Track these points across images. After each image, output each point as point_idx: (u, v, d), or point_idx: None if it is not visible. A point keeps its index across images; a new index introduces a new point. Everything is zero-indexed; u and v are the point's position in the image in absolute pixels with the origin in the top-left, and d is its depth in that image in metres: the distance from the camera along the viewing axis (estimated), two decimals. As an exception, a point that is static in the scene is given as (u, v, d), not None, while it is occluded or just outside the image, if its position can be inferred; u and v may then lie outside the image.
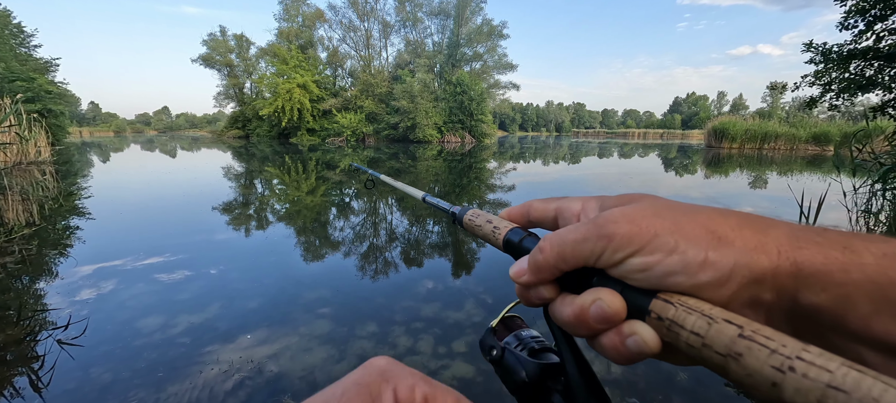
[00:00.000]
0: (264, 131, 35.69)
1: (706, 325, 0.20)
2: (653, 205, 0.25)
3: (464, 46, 35.89)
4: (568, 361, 0.28)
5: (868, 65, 5.65)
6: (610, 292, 0.24)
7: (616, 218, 0.24)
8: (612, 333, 0.24)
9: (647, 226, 0.23)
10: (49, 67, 21.70)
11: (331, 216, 5.50)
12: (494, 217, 0.37)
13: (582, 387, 0.27)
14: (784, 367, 0.17)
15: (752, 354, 0.18)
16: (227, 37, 44.48)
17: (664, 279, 0.22)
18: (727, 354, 0.19)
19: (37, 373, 1.92)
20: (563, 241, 0.26)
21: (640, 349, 0.22)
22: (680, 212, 0.24)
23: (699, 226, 0.23)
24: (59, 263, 3.40)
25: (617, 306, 0.23)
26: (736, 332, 0.19)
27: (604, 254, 0.24)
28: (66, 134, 21.39)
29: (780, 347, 0.17)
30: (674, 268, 0.22)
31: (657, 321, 0.22)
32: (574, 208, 0.31)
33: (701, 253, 0.21)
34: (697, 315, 0.20)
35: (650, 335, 0.22)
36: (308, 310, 2.55)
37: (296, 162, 13.26)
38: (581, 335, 0.26)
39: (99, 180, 8.80)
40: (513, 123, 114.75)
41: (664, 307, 0.22)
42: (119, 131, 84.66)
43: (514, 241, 0.33)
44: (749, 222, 0.23)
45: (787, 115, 32.46)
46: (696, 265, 0.21)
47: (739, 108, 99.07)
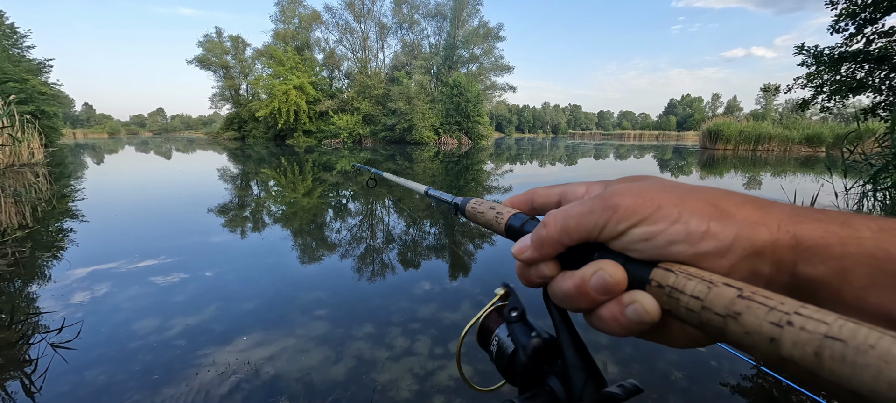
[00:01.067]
0: (260, 133, 35.52)
1: (706, 288, 0.20)
2: (658, 182, 0.26)
3: (460, 48, 35.97)
4: (566, 342, 0.29)
5: (859, 67, 5.74)
6: (612, 263, 0.24)
7: (621, 191, 0.25)
8: (612, 303, 0.24)
9: (652, 198, 0.24)
10: (42, 69, 21.47)
11: (327, 218, 5.49)
12: (497, 204, 0.37)
13: (579, 368, 0.28)
14: (782, 322, 0.17)
15: (751, 312, 0.18)
16: (222, 38, 44.29)
17: (666, 249, 0.23)
18: (726, 314, 0.19)
19: (30, 377, 1.90)
20: (567, 215, 0.27)
21: (640, 317, 0.23)
22: (684, 188, 0.25)
23: (703, 200, 0.23)
24: (52, 266, 3.36)
25: (618, 275, 0.24)
26: (735, 293, 0.19)
27: (607, 225, 0.25)
28: (59, 136, 21.23)
29: (778, 304, 0.18)
30: (676, 237, 0.22)
31: (657, 289, 0.22)
32: (578, 192, 0.32)
33: (703, 224, 0.22)
34: (697, 280, 0.21)
35: (650, 303, 0.23)
36: (304, 312, 2.54)
37: (292, 164, 13.21)
38: (581, 307, 0.26)
39: (93, 182, 8.72)
40: (509, 124, 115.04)
41: (665, 275, 0.22)
42: (113, 133, 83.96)
43: (516, 226, 0.33)
44: (751, 200, 0.23)
45: (780, 116, 32.82)
46: (698, 235, 0.22)
47: (733, 109, 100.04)
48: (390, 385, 1.84)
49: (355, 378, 1.89)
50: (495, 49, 37.80)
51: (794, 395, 1.82)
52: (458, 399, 1.75)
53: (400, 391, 1.79)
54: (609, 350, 2.11)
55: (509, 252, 3.25)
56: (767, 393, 1.87)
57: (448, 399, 1.75)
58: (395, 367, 1.97)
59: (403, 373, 1.92)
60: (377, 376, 1.90)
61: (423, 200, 6.73)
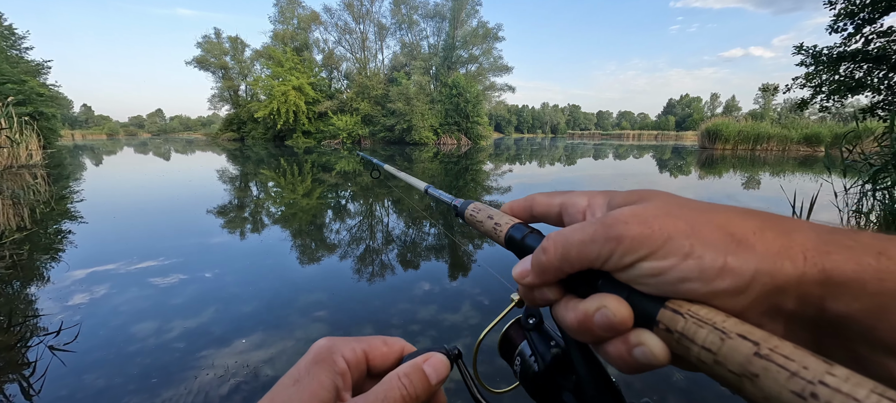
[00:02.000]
0: (259, 134, 35.47)
1: (719, 341, 0.18)
2: (665, 204, 0.24)
3: (459, 49, 35.99)
4: (576, 358, 0.27)
5: (857, 67, 5.75)
6: (616, 299, 0.22)
7: (626, 218, 0.23)
8: (618, 341, 0.22)
9: (660, 228, 0.22)
10: (41, 70, 21.43)
11: (326, 219, 5.48)
12: (496, 212, 0.36)
13: (592, 386, 0.27)
14: (805, 392, 0.15)
15: (769, 375, 0.16)
16: (221, 39, 44.24)
17: (677, 286, 0.21)
18: (742, 374, 0.17)
19: (28, 380, 1.89)
20: (567, 242, 0.25)
21: (649, 360, 0.21)
22: (695, 212, 0.22)
23: (717, 228, 0.21)
24: (50, 268, 3.35)
25: (623, 314, 0.22)
26: (751, 350, 0.17)
27: (612, 257, 0.22)
28: (58, 137, 21.18)
29: (800, 369, 0.16)
30: (688, 274, 0.20)
31: (666, 333, 0.20)
32: (580, 204, 0.30)
33: (719, 259, 0.20)
34: (709, 329, 0.19)
35: (659, 347, 0.21)
36: (304, 313, 2.53)
37: (291, 164, 13.20)
38: (585, 341, 0.25)
39: (91, 184, 8.70)
40: (508, 124, 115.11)
41: (673, 319, 0.20)
42: (112, 134, 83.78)
43: (516, 238, 0.32)
44: (772, 223, 0.21)
45: (778, 116, 32.90)
46: (714, 272, 0.20)
47: (732, 109, 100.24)
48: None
49: (355, 380, 1.88)
50: (494, 49, 37.87)
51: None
52: (459, 402, 1.75)
53: (400, 393, 1.79)
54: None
55: (509, 254, 3.28)
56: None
57: (449, 401, 1.75)
58: (394, 369, 1.96)
59: (403, 375, 1.92)
60: (377, 378, 1.90)
61: (422, 200, 6.73)
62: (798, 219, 0.22)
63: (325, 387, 0.26)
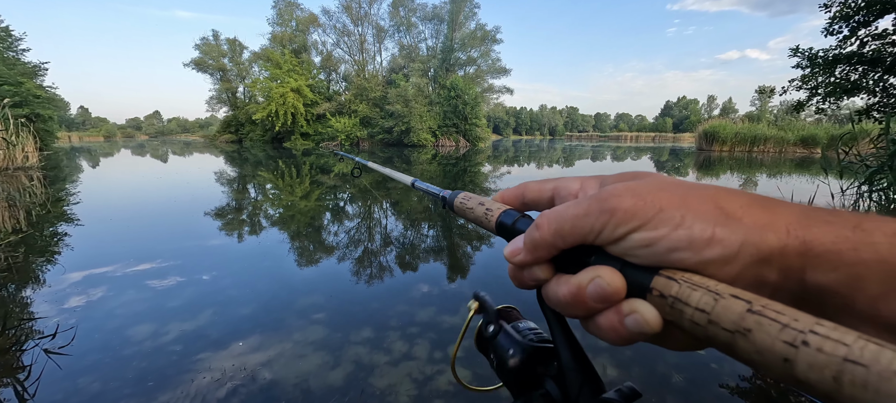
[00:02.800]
0: (257, 136, 35.40)
1: (712, 301, 0.19)
2: (658, 180, 0.25)
3: (458, 51, 36.08)
4: (561, 345, 0.28)
5: (853, 69, 5.79)
6: (609, 269, 0.23)
7: (619, 192, 0.23)
8: (611, 312, 0.23)
9: (653, 200, 0.22)
10: (37, 71, 21.33)
11: (324, 221, 5.47)
12: (487, 200, 0.36)
13: (575, 371, 0.27)
14: (797, 341, 0.16)
15: (762, 329, 0.17)
16: (219, 41, 44.23)
17: (668, 255, 0.21)
18: (735, 330, 0.18)
19: (22, 384, 1.87)
20: (561, 217, 0.25)
21: (641, 327, 0.22)
22: (686, 187, 0.23)
23: (707, 201, 0.22)
24: (46, 270, 3.33)
25: (617, 283, 0.22)
26: (744, 307, 0.18)
27: (605, 229, 0.23)
28: (54, 139, 21.09)
29: (791, 321, 0.17)
30: (679, 243, 0.21)
31: (659, 299, 0.21)
32: (572, 188, 0.30)
33: (708, 229, 0.21)
34: (703, 291, 0.19)
35: (651, 313, 0.21)
36: (302, 316, 2.52)
37: (289, 167, 13.17)
38: (577, 315, 0.25)
39: (88, 186, 8.65)
40: (507, 126, 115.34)
41: (667, 284, 0.21)
42: (109, 136, 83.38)
43: (507, 223, 0.32)
44: (758, 201, 0.22)
45: (775, 118, 33.04)
46: (703, 241, 0.21)
47: (729, 111, 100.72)
48: (389, 390, 1.82)
49: (353, 383, 1.87)
50: (492, 51, 37.96)
51: (793, 396, 1.82)
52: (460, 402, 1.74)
53: (398, 396, 1.78)
54: (608, 353, 2.10)
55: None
56: (766, 394, 1.86)
57: (447, 404, 1.74)
58: (393, 372, 1.96)
59: (402, 378, 1.91)
60: (375, 381, 1.89)
61: (421, 201, 6.72)
62: (782, 199, 0.23)
63: None
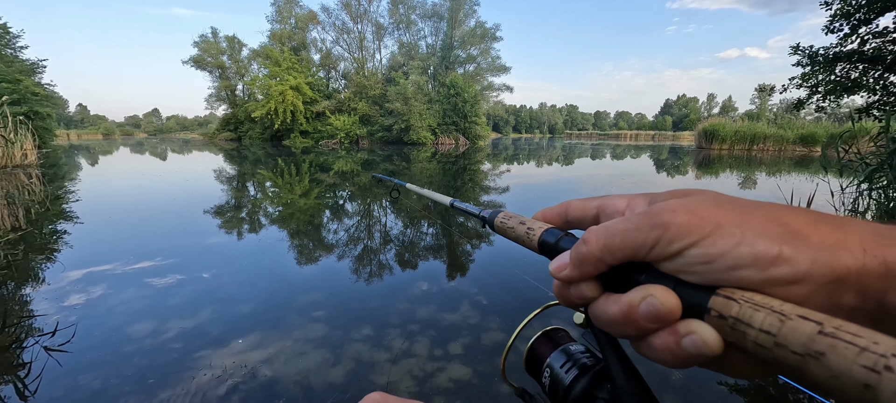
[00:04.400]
0: (256, 134, 35.31)
1: (778, 322, 0.17)
2: (712, 197, 0.23)
3: (457, 49, 36.01)
4: (614, 367, 0.26)
5: (853, 67, 5.78)
6: (662, 288, 0.22)
7: (673, 208, 0.22)
8: (665, 333, 0.21)
9: (709, 216, 0.21)
10: (35, 69, 21.29)
11: (324, 219, 5.46)
12: (528, 219, 0.35)
13: (630, 396, 0.26)
14: (878, 366, 0.15)
15: (837, 352, 0.15)
16: (218, 39, 44.01)
17: (728, 274, 0.20)
18: (805, 353, 0.16)
19: (23, 381, 1.87)
20: (610, 231, 0.24)
21: (700, 349, 0.20)
22: (744, 204, 0.22)
23: (768, 219, 0.20)
24: (46, 268, 3.33)
25: (671, 303, 0.21)
26: (815, 329, 0.16)
27: (657, 245, 0.22)
28: (53, 137, 21.04)
29: (870, 344, 0.15)
30: (742, 260, 0.19)
31: (718, 320, 0.20)
32: (618, 206, 0.29)
33: (774, 247, 0.19)
34: (767, 311, 0.18)
35: (711, 335, 0.20)
36: (302, 314, 2.52)
37: (289, 165, 13.16)
38: (628, 336, 0.24)
39: (87, 184, 8.64)
40: (506, 125, 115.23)
41: (726, 304, 0.19)
42: (108, 134, 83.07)
43: (549, 242, 0.31)
44: (825, 218, 0.20)
45: (774, 117, 33.05)
46: (769, 260, 0.19)
47: (728, 110, 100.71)
48: (389, 388, 1.83)
49: (354, 380, 1.87)
50: (492, 50, 37.87)
51: (791, 394, 1.83)
52: (458, 401, 1.75)
53: (399, 393, 1.78)
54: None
55: (507, 252, 3.29)
56: (764, 392, 1.87)
57: (448, 401, 1.74)
58: (394, 369, 1.96)
59: (403, 375, 1.91)
60: (376, 378, 1.89)
61: (420, 200, 6.72)
62: (849, 217, 0.21)
63: None
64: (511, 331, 0.45)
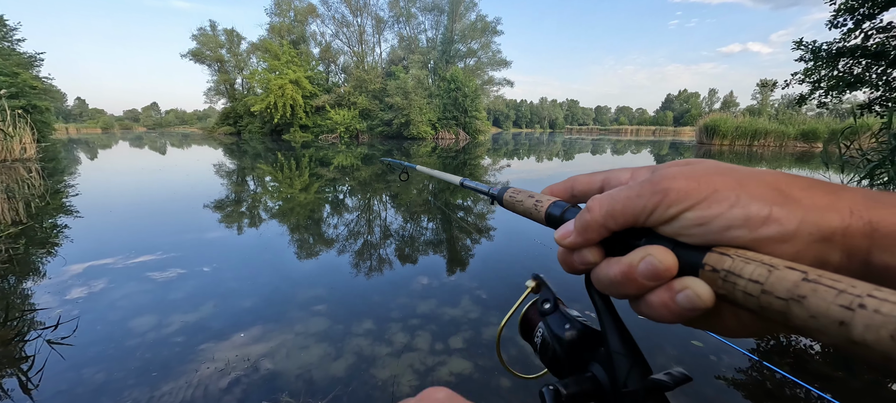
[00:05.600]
0: (256, 128, 35.23)
1: (766, 271, 0.19)
2: (713, 164, 0.24)
3: (457, 43, 35.81)
4: (610, 329, 0.28)
5: (856, 63, 5.75)
6: (661, 248, 0.23)
7: (673, 174, 0.24)
8: (662, 290, 0.23)
9: (707, 182, 0.22)
10: (33, 62, 21.12)
11: (324, 214, 5.47)
12: (536, 193, 0.37)
13: (623, 355, 0.27)
14: (853, 305, 0.16)
15: (817, 295, 0.17)
16: (217, 32, 43.76)
17: (722, 234, 0.21)
18: (789, 298, 0.18)
19: (26, 374, 1.88)
20: (613, 198, 0.25)
21: (693, 303, 0.21)
22: (743, 171, 0.23)
23: (764, 184, 0.22)
24: (47, 262, 3.33)
25: (669, 261, 0.23)
26: (799, 276, 0.18)
27: (657, 210, 0.23)
28: (51, 131, 20.96)
29: (848, 287, 0.16)
30: (734, 221, 0.21)
31: (711, 274, 0.21)
32: (622, 177, 0.30)
33: (765, 209, 0.20)
34: (757, 263, 0.19)
35: (703, 289, 0.21)
36: (303, 308, 2.53)
37: (289, 159, 13.13)
38: (628, 294, 0.25)
39: (87, 178, 8.63)
40: (507, 119, 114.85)
41: (719, 259, 0.21)
42: (107, 128, 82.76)
43: (555, 214, 0.32)
44: (819, 184, 0.22)
45: (776, 112, 32.94)
46: (759, 220, 0.20)
47: (730, 105, 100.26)
48: (391, 381, 1.84)
49: (356, 374, 1.89)
50: (492, 43, 37.69)
51: (789, 387, 1.85)
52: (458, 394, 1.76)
53: (401, 386, 1.80)
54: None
55: (506, 247, 3.28)
56: (762, 386, 1.89)
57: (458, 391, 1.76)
58: (395, 363, 1.97)
59: (404, 369, 1.93)
60: (378, 372, 1.90)
61: (420, 194, 6.72)
62: (847, 185, 0.22)
63: None
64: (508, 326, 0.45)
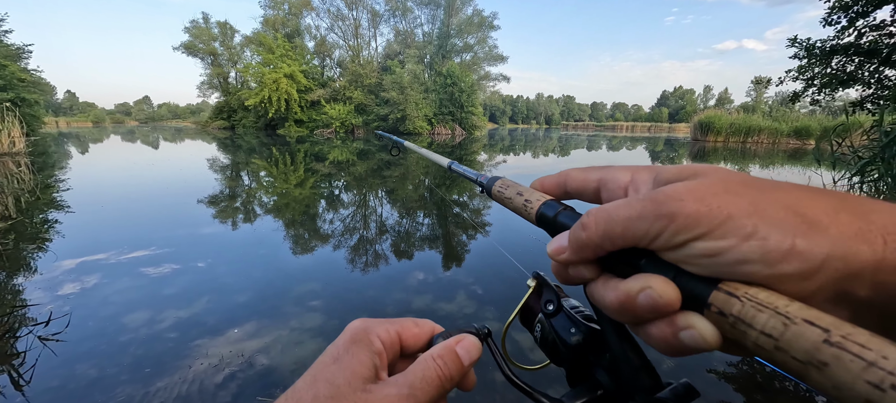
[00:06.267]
0: (250, 122, 34.86)
1: (781, 326, 0.16)
2: (723, 180, 0.21)
3: (454, 37, 35.58)
4: (612, 338, 0.26)
5: (849, 61, 5.81)
6: (662, 280, 0.21)
7: (680, 195, 0.21)
8: (663, 323, 0.21)
9: (719, 205, 0.19)
10: (21, 54, 20.70)
11: (320, 209, 5.44)
12: (525, 188, 0.35)
13: (629, 366, 0.25)
14: (884, 384, 0.13)
15: (841, 365, 0.14)
16: (210, 24, 43.09)
17: (733, 268, 0.19)
18: (808, 362, 0.15)
19: (18, 370, 1.87)
20: (611, 218, 0.23)
21: (697, 345, 0.20)
22: (758, 190, 0.20)
23: (783, 207, 0.19)
24: (38, 257, 3.29)
25: (670, 296, 0.20)
26: (820, 337, 0.15)
27: (661, 236, 0.21)
28: (41, 124, 20.60)
29: (879, 359, 0.14)
30: (749, 256, 0.18)
31: (718, 317, 0.19)
32: (621, 180, 0.27)
33: (786, 240, 0.18)
34: (770, 313, 0.17)
35: (709, 332, 0.19)
36: (298, 303, 2.53)
37: (284, 154, 13.04)
38: (625, 321, 0.24)
39: (78, 173, 8.51)
40: (503, 115, 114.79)
41: (727, 302, 0.18)
42: (98, 122, 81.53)
43: (548, 215, 0.30)
44: (848, 203, 0.19)
45: (770, 109, 33.22)
46: (779, 254, 0.17)
47: (724, 102, 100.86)
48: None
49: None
50: (489, 38, 37.50)
51: (778, 381, 1.88)
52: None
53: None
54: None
55: (502, 242, 3.29)
56: (752, 379, 1.92)
57: (443, 389, 1.77)
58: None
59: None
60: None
61: (416, 190, 6.71)
62: (877, 200, 0.19)
63: (365, 365, 0.26)
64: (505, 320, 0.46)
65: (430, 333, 0.32)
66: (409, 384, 0.26)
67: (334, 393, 0.25)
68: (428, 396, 0.26)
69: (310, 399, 0.25)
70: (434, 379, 0.26)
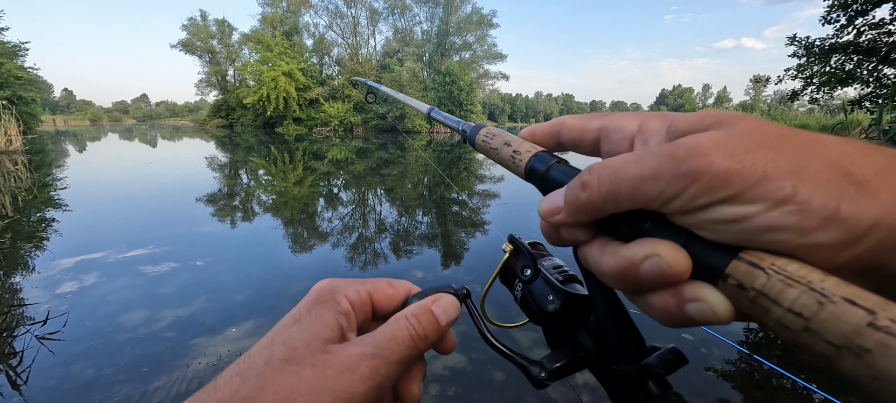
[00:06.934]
0: (249, 121, 34.78)
1: (815, 304, 0.14)
2: (756, 131, 0.17)
3: (453, 35, 35.53)
4: (599, 303, 0.24)
5: (848, 59, 5.82)
6: (671, 246, 0.18)
7: (706, 149, 0.17)
8: (667, 294, 0.18)
9: (753, 163, 0.16)
10: (18, 52, 20.58)
11: (318, 208, 5.44)
12: (514, 138, 0.30)
13: (615, 330, 0.24)
14: None
15: (888, 354, 0.12)
16: (208, 22, 42.93)
17: (759, 236, 0.16)
18: (845, 346, 0.13)
19: (15, 370, 1.86)
20: (617, 175, 0.19)
21: (705, 318, 0.17)
22: (798, 143, 0.17)
23: (829, 166, 0.16)
24: (35, 256, 3.28)
25: (681, 265, 0.17)
26: (864, 319, 0.13)
27: (679, 198, 0.17)
28: (38, 122, 20.55)
29: None
30: (783, 223, 0.15)
31: (736, 289, 0.16)
32: (626, 129, 0.23)
33: (829, 204, 0.15)
34: (802, 289, 0.14)
35: (722, 306, 0.17)
36: (296, 301, 2.50)
37: (282, 153, 13.01)
38: (623, 289, 0.21)
39: (76, 171, 8.48)
40: (502, 113, 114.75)
41: (749, 273, 0.16)
42: (95, 120, 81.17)
43: (539, 170, 0.26)
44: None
45: (768, 108, 33.29)
46: (819, 221, 0.15)
47: (723, 101, 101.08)
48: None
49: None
50: (488, 36, 37.43)
51: (775, 378, 1.88)
52: (453, 388, 1.77)
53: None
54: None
55: (502, 239, 3.29)
56: (750, 377, 1.92)
57: (442, 389, 1.77)
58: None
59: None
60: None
61: (415, 187, 6.71)
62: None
63: (328, 326, 0.25)
64: (506, 320, 0.46)
65: (406, 293, 0.30)
66: (375, 343, 0.24)
67: (290, 356, 0.23)
68: (397, 356, 0.24)
69: (262, 363, 0.23)
70: (405, 339, 0.24)
